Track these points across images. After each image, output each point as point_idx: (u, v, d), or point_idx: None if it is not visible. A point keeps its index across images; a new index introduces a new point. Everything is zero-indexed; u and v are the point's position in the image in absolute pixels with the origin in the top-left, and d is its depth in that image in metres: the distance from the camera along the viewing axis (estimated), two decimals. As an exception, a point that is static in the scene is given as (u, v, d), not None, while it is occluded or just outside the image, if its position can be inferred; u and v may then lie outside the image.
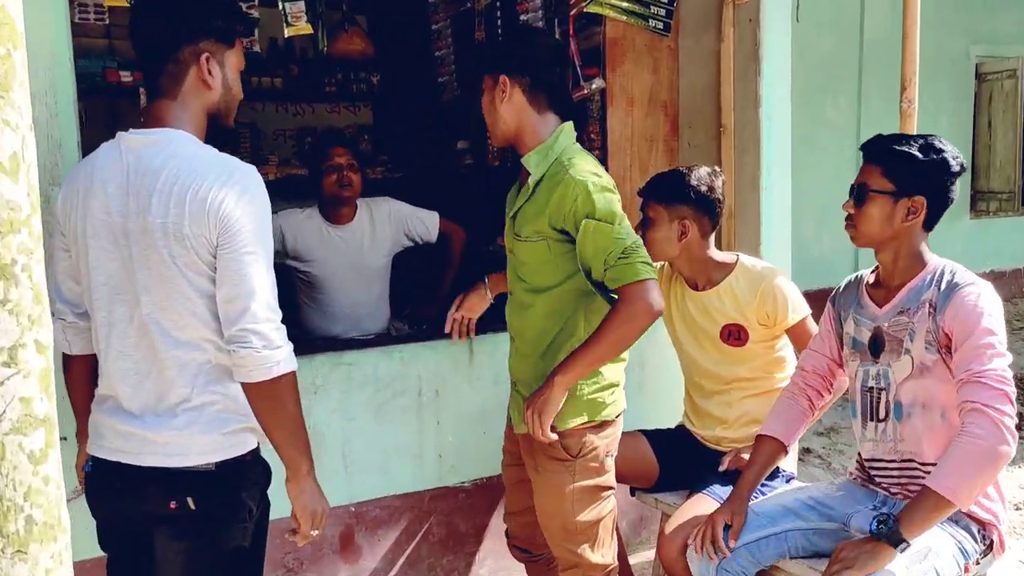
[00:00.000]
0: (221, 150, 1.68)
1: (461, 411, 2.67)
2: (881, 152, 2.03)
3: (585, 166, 1.99)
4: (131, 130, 1.69)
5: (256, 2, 3.67)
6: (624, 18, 3.21)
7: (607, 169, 3.21)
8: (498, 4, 3.68)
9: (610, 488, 2.19)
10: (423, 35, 4.31)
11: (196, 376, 1.65)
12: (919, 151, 1.98)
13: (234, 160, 1.65)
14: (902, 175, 1.99)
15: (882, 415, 2.08)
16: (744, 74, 3.09)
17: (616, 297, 1.95)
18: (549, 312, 2.08)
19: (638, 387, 2.93)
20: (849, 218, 2.09)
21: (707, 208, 2.46)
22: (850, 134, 6.58)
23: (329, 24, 4.43)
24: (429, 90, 4.38)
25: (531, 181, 2.04)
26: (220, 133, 1.84)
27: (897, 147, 2.01)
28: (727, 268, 2.51)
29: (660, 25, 3.28)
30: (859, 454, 2.20)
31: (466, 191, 4.22)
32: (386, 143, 5.25)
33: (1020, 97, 6.97)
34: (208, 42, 1.69)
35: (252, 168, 1.66)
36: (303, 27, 3.36)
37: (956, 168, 1.99)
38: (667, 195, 2.47)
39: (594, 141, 3.35)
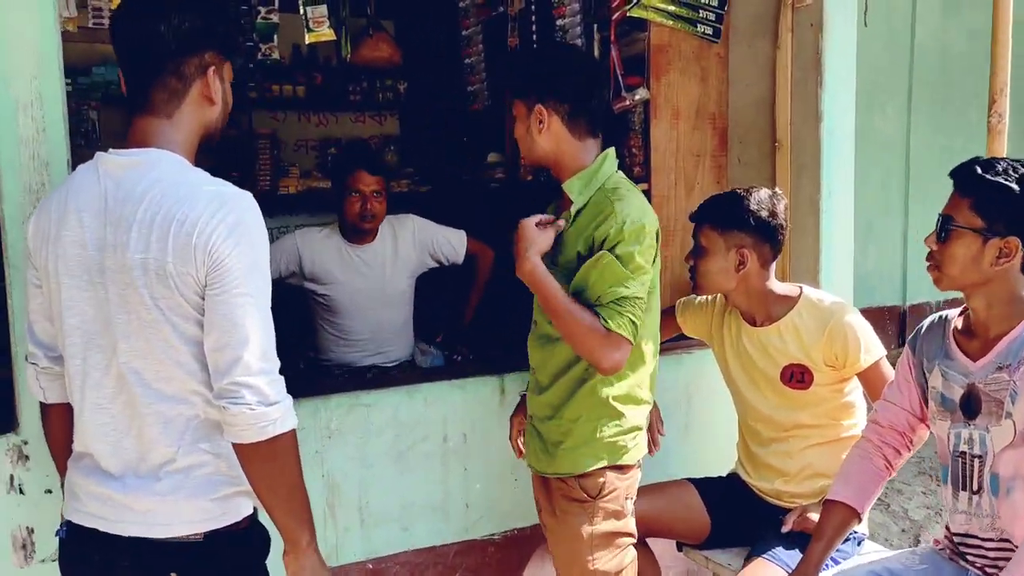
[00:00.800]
0: (240, 163, 1.46)
1: (490, 457, 2.43)
2: (971, 180, 1.73)
3: (635, 201, 1.92)
4: (111, 150, 1.47)
5: (276, 6, 3.49)
6: (671, 23, 2.95)
7: (649, 187, 3.00)
8: (533, 9, 3.44)
9: (631, 536, 2.03)
10: (452, 41, 4.08)
11: (182, 434, 1.44)
12: (1017, 183, 1.68)
13: (227, 186, 1.43)
14: (995, 210, 1.69)
15: (976, 487, 1.79)
16: (803, 85, 2.83)
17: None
18: None
19: (683, 428, 2.68)
20: (931, 256, 1.80)
21: (768, 235, 2.21)
22: (898, 145, 6.26)
23: (353, 30, 4.22)
24: (458, 99, 4.16)
25: (573, 209, 1.94)
26: (237, 145, 1.65)
27: (991, 176, 1.70)
28: (789, 302, 2.25)
29: (709, 31, 3.02)
30: (947, 526, 1.92)
31: (497, 207, 3.98)
32: (413, 154, 5.03)
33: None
34: (213, 53, 1.49)
35: (247, 195, 1.44)
36: (326, 33, 3.17)
37: None
38: (724, 220, 2.22)
39: (636, 156, 3.10)
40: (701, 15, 3.00)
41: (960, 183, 1.76)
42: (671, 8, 2.95)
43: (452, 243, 3.12)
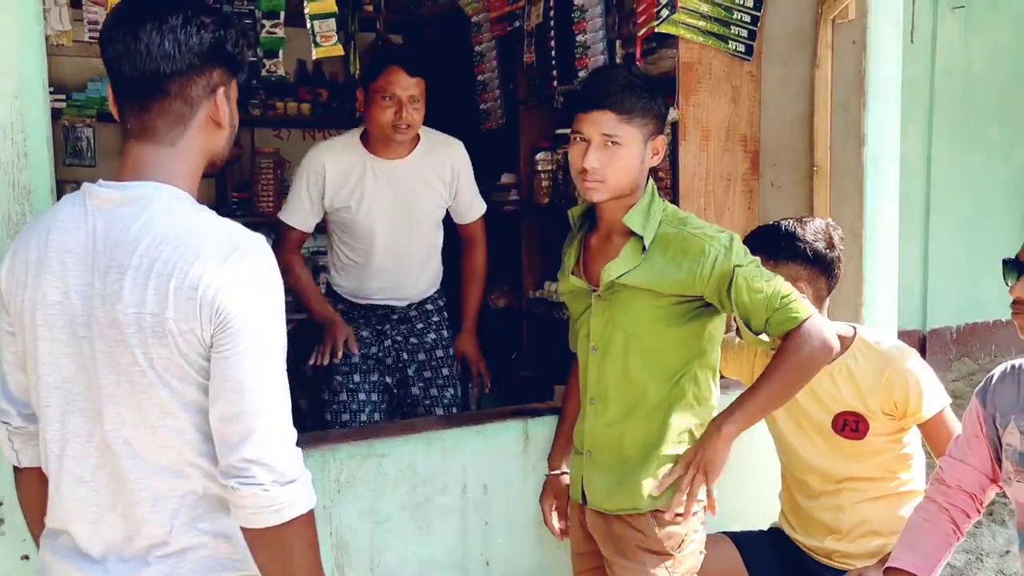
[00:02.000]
0: (241, 184, 1.28)
1: (513, 509, 2.24)
2: None
3: (703, 224, 1.91)
4: (101, 181, 1.27)
5: (281, 20, 3.33)
6: (701, 39, 2.79)
7: (677, 212, 2.83)
8: (551, 24, 3.28)
9: None
10: (465, 57, 3.92)
11: (176, 512, 1.25)
12: None
13: (238, 230, 1.24)
14: None
15: None
16: (845, 106, 2.66)
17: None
18: (652, 365, 1.89)
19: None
20: (1018, 304, 1.62)
21: (825, 268, 2.06)
22: (919, 167, 6.11)
23: (362, 45, 4.06)
24: (471, 118, 3.99)
25: (648, 244, 1.87)
26: (238, 164, 1.46)
27: None
28: (844, 343, 2.06)
29: (741, 48, 2.86)
30: None
31: (510, 230, 3.81)
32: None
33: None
34: (220, 72, 1.30)
35: (260, 239, 1.25)
36: (334, 48, 2.98)
37: None
38: (777, 250, 2.04)
39: (663, 180, 2.93)
40: (733, 31, 2.84)
41: None
42: (701, 24, 2.78)
43: (473, 202, 2.94)
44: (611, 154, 1.82)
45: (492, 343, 3.90)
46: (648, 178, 1.93)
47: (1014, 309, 1.62)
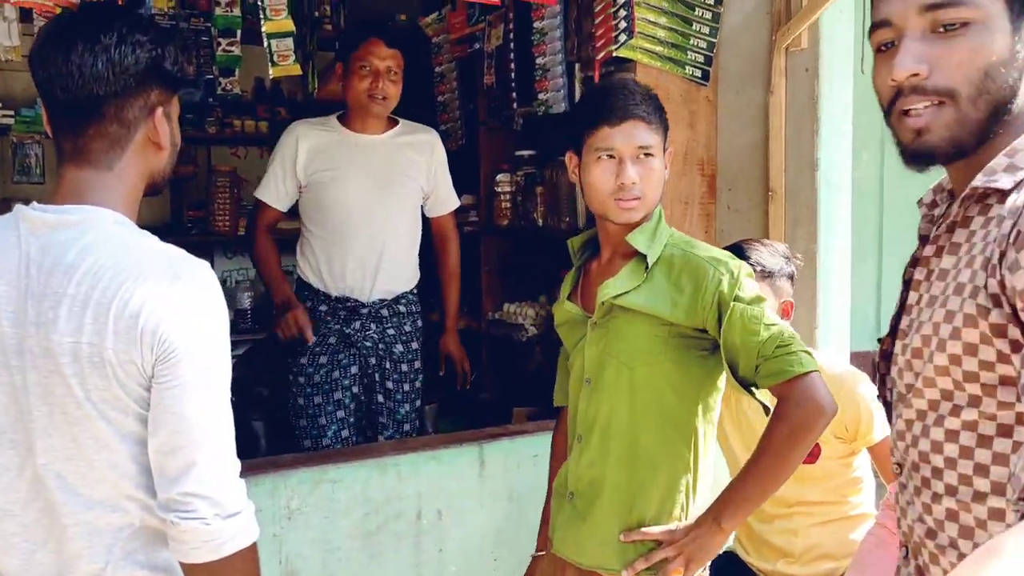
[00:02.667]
0: (197, 202, 1.24)
1: (468, 535, 2.22)
2: None
3: (712, 249, 1.73)
4: (35, 204, 1.23)
5: (238, 39, 3.29)
6: (658, 64, 2.81)
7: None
8: (511, 47, 3.28)
9: None
10: (425, 78, 3.91)
11: (112, 546, 1.21)
12: None
13: (180, 255, 1.21)
14: None
15: None
16: (798, 132, 2.70)
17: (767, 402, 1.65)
18: (647, 401, 1.68)
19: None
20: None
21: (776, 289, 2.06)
22: (872, 192, 6.21)
23: (321, 64, 4.03)
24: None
25: (651, 264, 1.69)
26: (194, 183, 1.41)
27: None
28: None
29: (698, 73, 2.89)
30: None
31: (470, 251, 3.79)
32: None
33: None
34: (159, 92, 1.26)
35: (204, 266, 1.22)
36: (291, 68, 2.95)
37: None
38: None
39: (620, 203, 2.94)
40: (689, 57, 2.87)
41: None
42: (658, 49, 2.81)
43: (449, 192, 2.94)
44: (647, 167, 1.67)
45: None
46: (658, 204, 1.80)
47: None
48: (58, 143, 1.25)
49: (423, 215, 2.96)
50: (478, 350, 3.82)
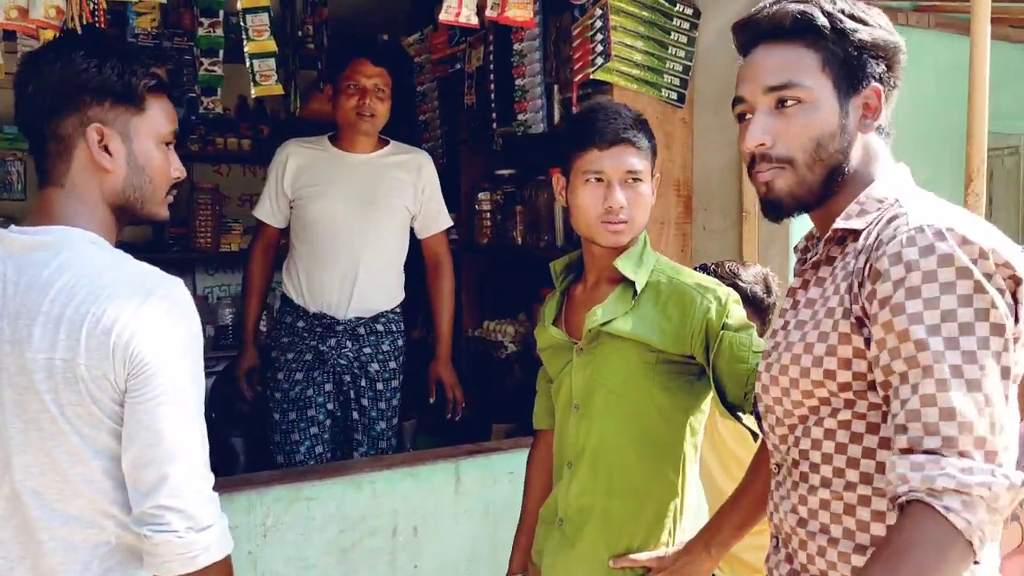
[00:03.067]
0: (179, 219, 1.27)
1: (444, 552, 2.23)
2: None
3: (699, 276, 1.75)
4: (13, 227, 1.26)
5: (220, 59, 3.33)
6: (635, 87, 2.86)
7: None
8: (491, 68, 3.33)
9: None
10: (407, 97, 3.95)
11: (88, 564, 1.22)
12: None
13: (153, 273, 1.23)
14: None
15: None
16: (771, 154, 2.74)
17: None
18: (636, 427, 1.69)
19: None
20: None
21: (760, 312, 2.08)
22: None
23: (303, 83, 4.07)
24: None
25: (639, 290, 1.69)
26: (176, 199, 1.41)
27: None
28: None
29: (674, 95, 2.94)
30: None
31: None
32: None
33: (1022, 174, 6.75)
34: (99, 108, 1.24)
35: (177, 283, 1.24)
36: (273, 87, 2.99)
37: None
38: None
39: (598, 222, 2.97)
40: (665, 79, 2.92)
41: None
42: (635, 72, 2.86)
43: (440, 212, 2.94)
44: (636, 192, 1.68)
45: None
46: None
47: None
48: (35, 164, 1.29)
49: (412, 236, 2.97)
50: (458, 367, 3.84)
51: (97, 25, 2.11)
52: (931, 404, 1.02)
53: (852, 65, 1.19)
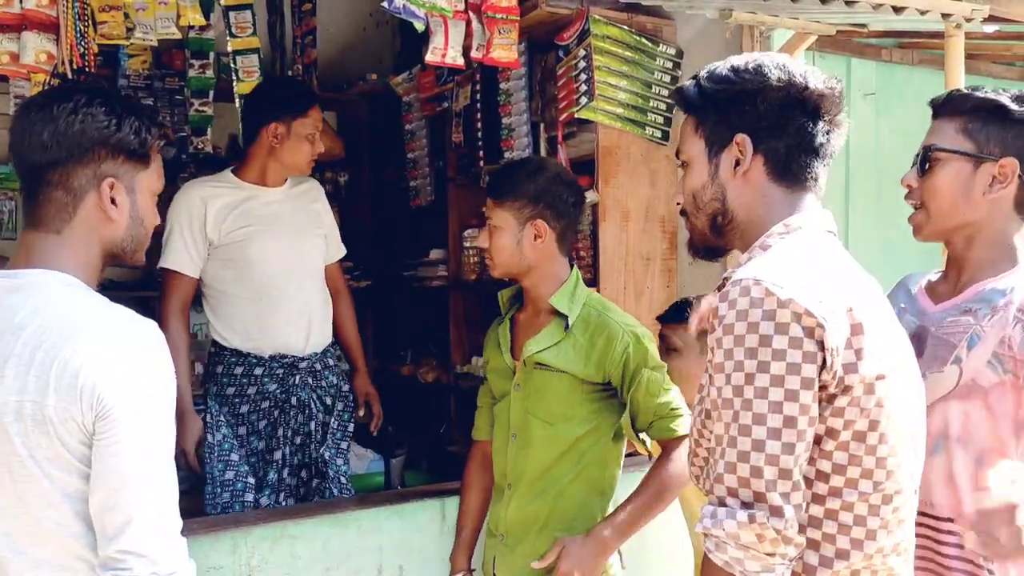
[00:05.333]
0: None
1: (430, 590, 2.21)
2: (957, 101, 1.57)
3: (624, 315, 2.02)
4: None
5: (210, 99, 3.37)
6: (619, 125, 2.90)
7: (598, 291, 2.89)
8: (478, 107, 3.38)
9: None
10: (396, 136, 4.00)
11: None
12: (1012, 101, 1.52)
13: (126, 316, 1.24)
14: (986, 130, 1.52)
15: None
16: (754, 190, 2.78)
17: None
18: (567, 452, 1.96)
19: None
20: (911, 195, 1.61)
21: None
22: (839, 239, 6.35)
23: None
24: (401, 194, 4.05)
25: (571, 323, 1.96)
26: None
27: (980, 94, 1.55)
28: None
29: (658, 133, 2.98)
30: None
31: (439, 305, 3.84)
32: (353, 249, 4.85)
33: (1007, 207, 6.75)
34: (113, 162, 1.28)
35: (150, 326, 1.25)
36: (262, 126, 3.03)
37: None
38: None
39: (583, 258, 3.01)
40: (650, 118, 2.96)
41: (943, 107, 1.59)
42: (619, 111, 2.90)
43: (338, 239, 2.95)
44: (494, 236, 1.98)
45: (420, 417, 3.89)
46: (572, 264, 2.06)
47: (908, 201, 1.65)
48: (24, 205, 1.30)
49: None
50: (447, 403, 3.84)
51: (88, 68, 2.14)
52: (721, 456, 1.16)
53: (715, 122, 1.32)
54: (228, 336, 2.68)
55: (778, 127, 1.29)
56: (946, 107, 1.58)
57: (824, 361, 1.13)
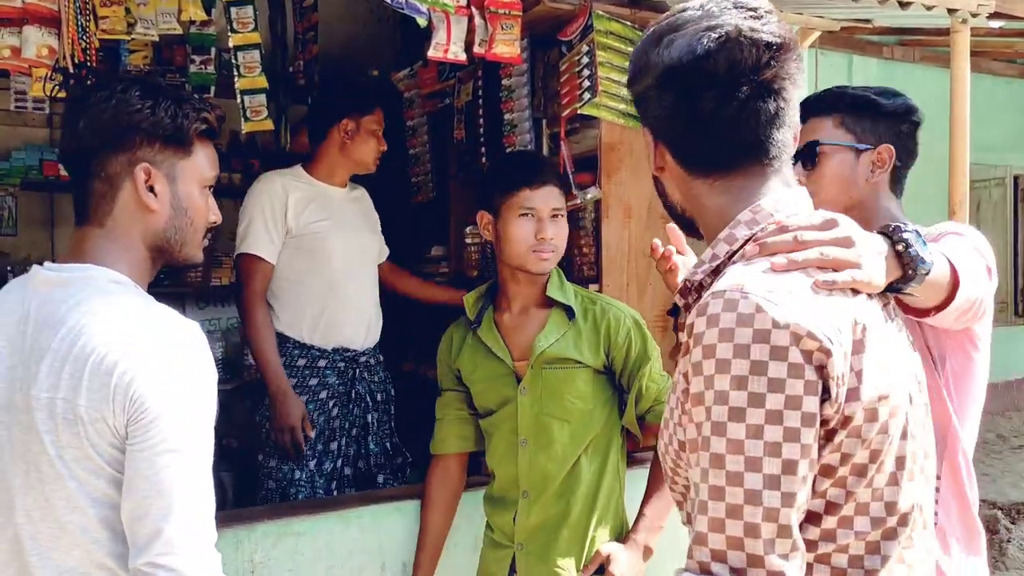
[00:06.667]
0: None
1: (433, 587, 2.20)
2: (830, 99, 1.69)
3: (611, 299, 2.05)
4: (47, 263, 1.25)
5: (212, 94, 3.35)
6: (622, 121, 2.89)
7: (600, 287, 2.89)
8: (480, 103, 3.37)
9: None
10: (397, 132, 3.98)
11: None
12: (880, 96, 1.66)
13: (170, 317, 1.20)
14: (861, 122, 1.65)
15: None
16: (757, 186, 2.77)
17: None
18: (588, 446, 1.94)
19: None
20: None
21: None
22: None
23: (294, 117, 4.09)
24: (402, 190, 4.04)
25: (576, 312, 1.96)
26: None
27: (850, 90, 1.69)
28: None
29: (661, 130, 2.97)
30: None
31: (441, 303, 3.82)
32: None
33: (1009, 205, 6.84)
34: (149, 149, 1.24)
35: (192, 327, 1.20)
36: (263, 123, 3.02)
37: (918, 118, 1.67)
38: None
39: (586, 256, 3.00)
40: (652, 114, 2.95)
41: (819, 106, 1.69)
42: (622, 107, 2.89)
43: (383, 242, 3.05)
44: (560, 225, 1.94)
45: (421, 413, 3.88)
46: None
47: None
48: (74, 201, 1.28)
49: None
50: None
51: (89, 63, 2.13)
52: (702, 512, 0.94)
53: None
54: (293, 327, 2.73)
55: (665, 116, 1.10)
56: (822, 105, 1.68)
57: (827, 390, 0.93)
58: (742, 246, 1.05)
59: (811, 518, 0.98)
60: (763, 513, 0.90)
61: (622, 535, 1.96)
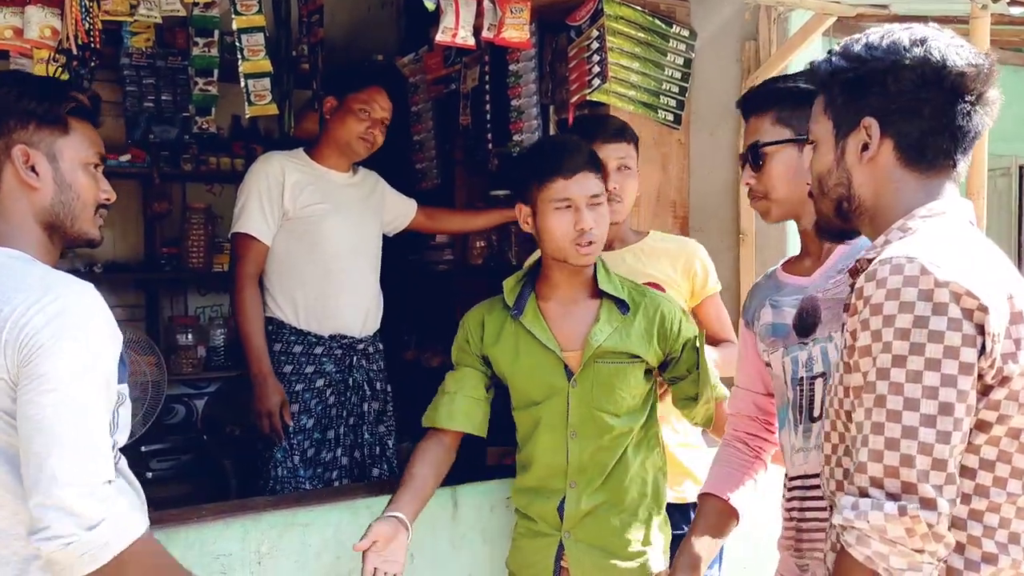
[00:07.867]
0: (166, 235, 1.35)
1: (441, 579, 2.18)
2: (763, 100, 1.68)
3: (659, 293, 2.01)
4: None
5: (215, 78, 3.31)
6: (631, 108, 2.86)
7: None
8: (487, 88, 3.32)
9: None
10: (402, 117, 3.94)
11: None
12: (805, 82, 1.60)
13: (61, 276, 1.26)
14: (796, 115, 1.61)
15: (817, 412, 1.58)
16: (768, 175, 2.74)
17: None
18: (636, 438, 1.94)
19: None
20: (753, 192, 1.71)
21: None
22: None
23: (298, 103, 4.05)
24: (407, 177, 4.00)
25: (630, 306, 1.92)
26: (168, 219, 1.46)
27: (780, 84, 1.69)
28: None
29: (670, 117, 2.94)
30: (784, 484, 1.70)
31: (444, 289, 3.80)
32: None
33: (1014, 195, 6.79)
34: (24, 131, 1.31)
35: (85, 285, 1.26)
36: (267, 107, 2.98)
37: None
38: None
39: (595, 244, 2.96)
40: (662, 101, 2.92)
41: (750, 106, 1.70)
42: (632, 93, 2.85)
43: (404, 199, 3.03)
44: (600, 213, 1.85)
45: (426, 402, 3.86)
46: None
47: (751, 199, 1.73)
48: None
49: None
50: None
51: (92, 45, 2.09)
52: (863, 444, 1.09)
53: (843, 104, 1.26)
54: (288, 312, 2.69)
55: (910, 110, 1.20)
56: (754, 105, 1.69)
57: (983, 347, 1.06)
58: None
59: (965, 472, 1.10)
60: (918, 447, 1.04)
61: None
